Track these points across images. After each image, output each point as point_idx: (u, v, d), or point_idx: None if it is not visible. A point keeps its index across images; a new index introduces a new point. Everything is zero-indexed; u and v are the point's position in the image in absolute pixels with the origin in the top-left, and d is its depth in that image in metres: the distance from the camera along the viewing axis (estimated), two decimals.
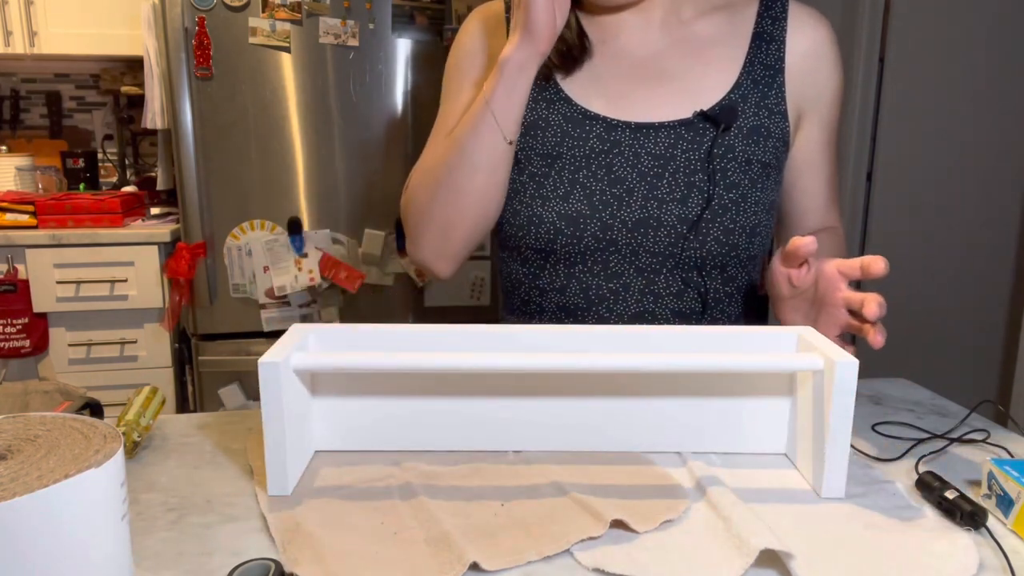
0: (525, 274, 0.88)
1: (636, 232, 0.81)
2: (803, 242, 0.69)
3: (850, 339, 0.74)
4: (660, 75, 0.84)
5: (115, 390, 2.12)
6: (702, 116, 0.81)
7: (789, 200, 0.91)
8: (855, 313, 0.69)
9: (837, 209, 0.93)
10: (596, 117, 0.82)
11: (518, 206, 0.84)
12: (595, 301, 0.85)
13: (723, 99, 0.82)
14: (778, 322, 0.80)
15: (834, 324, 0.71)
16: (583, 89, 0.84)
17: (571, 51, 0.83)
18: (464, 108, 0.88)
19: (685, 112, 0.82)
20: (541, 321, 0.89)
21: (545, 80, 0.84)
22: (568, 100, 0.83)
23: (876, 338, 0.66)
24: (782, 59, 0.84)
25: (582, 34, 0.84)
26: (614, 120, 0.82)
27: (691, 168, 0.81)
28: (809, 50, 0.85)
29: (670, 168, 0.81)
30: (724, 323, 0.88)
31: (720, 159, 0.81)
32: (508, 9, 0.89)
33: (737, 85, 0.83)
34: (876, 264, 0.65)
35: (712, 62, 0.84)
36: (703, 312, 0.85)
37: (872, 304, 0.64)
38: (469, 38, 0.90)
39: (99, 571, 0.39)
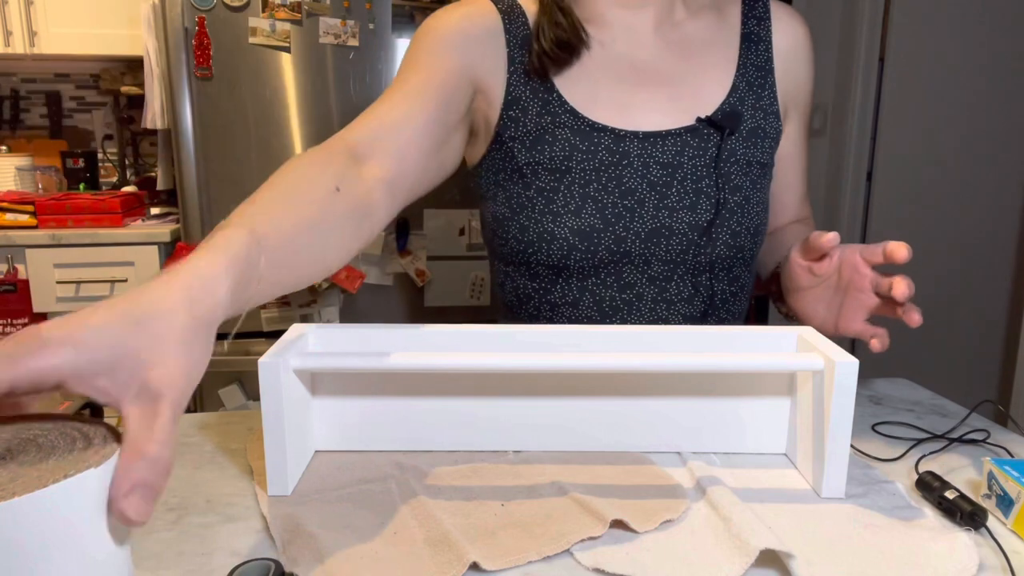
0: (535, 289, 0.86)
1: (649, 242, 0.81)
2: (827, 238, 0.69)
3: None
4: (658, 80, 0.83)
5: None
6: (707, 122, 0.81)
7: (773, 194, 0.92)
8: (882, 296, 0.69)
9: (809, 201, 0.97)
10: (604, 129, 0.80)
11: (526, 222, 0.82)
12: (609, 313, 0.83)
13: (723, 103, 0.83)
14: (792, 317, 0.80)
15: (862, 308, 0.71)
16: (585, 99, 0.82)
17: (569, 42, 0.80)
18: (430, 82, 0.77)
19: (687, 118, 0.82)
20: None
21: (541, 81, 0.81)
22: (573, 112, 0.81)
23: (912, 316, 0.66)
24: (771, 60, 0.85)
25: (579, 27, 0.81)
26: (622, 131, 0.81)
27: (698, 174, 0.81)
28: (791, 48, 0.87)
29: (678, 176, 0.81)
30: (729, 322, 0.88)
31: (724, 163, 0.81)
32: (496, 2, 0.84)
33: (734, 88, 0.83)
34: (900, 250, 0.65)
35: (708, 65, 0.84)
36: (709, 314, 0.86)
37: (901, 284, 0.64)
38: (458, 23, 0.81)
39: (99, 571, 0.39)
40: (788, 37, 0.87)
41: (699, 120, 0.81)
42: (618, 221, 0.80)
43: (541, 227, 0.81)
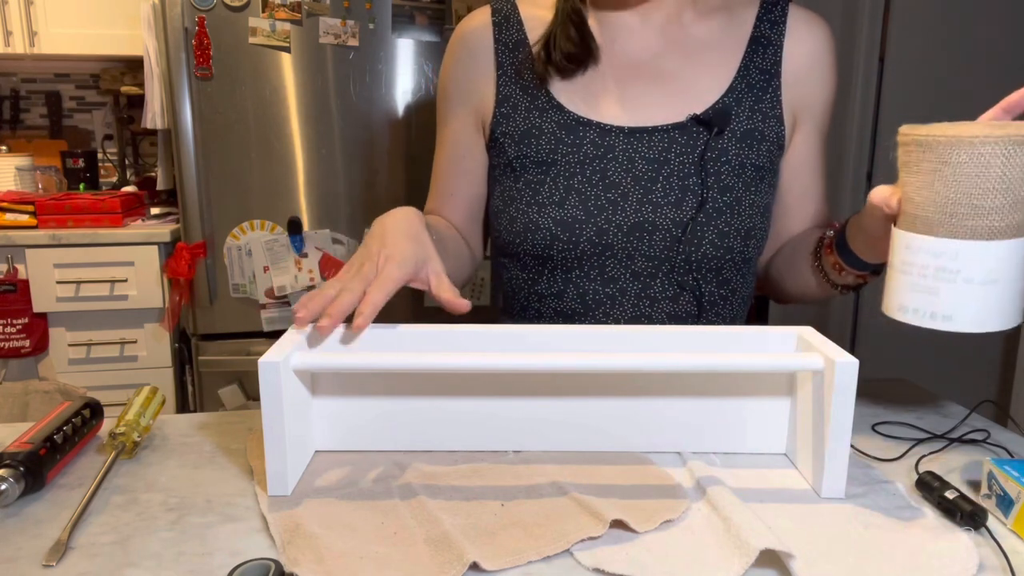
0: (524, 279, 0.88)
1: (631, 236, 0.81)
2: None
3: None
4: (655, 77, 0.84)
5: (115, 390, 2.12)
6: (695, 119, 0.81)
7: (785, 202, 0.90)
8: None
9: (828, 208, 0.93)
10: (588, 123, 0.82)
11: (515, 213, 0.84)
12: (592, 306, 0.85)
13: (716, 102, 0.82)
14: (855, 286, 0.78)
15: None
16: (575, 94, 0.84)
17: (579, 57, 0.82)
18: (454, 137, 0.91)
19: (678, 115, 0.82)
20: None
21: (538, 84, 0.84)
22: (560, 107, 0.83)
23: None
24: (779, 63, 0.84)
25: (592, 42, 0.83)
26: (607, 125, 0.82)
27: (685, 172, 0.81)
28: (807, 54, 0.85)
29: (664, 172, 0.81)
30: (720, 325, 0.88)
31: (713, 162, 0.81)
32: (495, 13, 0.88)
33: (731, 89, 0.83)
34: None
35: (707, 65, 0.84)
36: (698, 315, 0.85)
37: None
38: (453, 61, 0.90)
39: None
40: (805, 44, 0.85)
41: (688, 117, 0.82)
42: (600, 213, 0.81)
43: (527, 218, 0.83)
